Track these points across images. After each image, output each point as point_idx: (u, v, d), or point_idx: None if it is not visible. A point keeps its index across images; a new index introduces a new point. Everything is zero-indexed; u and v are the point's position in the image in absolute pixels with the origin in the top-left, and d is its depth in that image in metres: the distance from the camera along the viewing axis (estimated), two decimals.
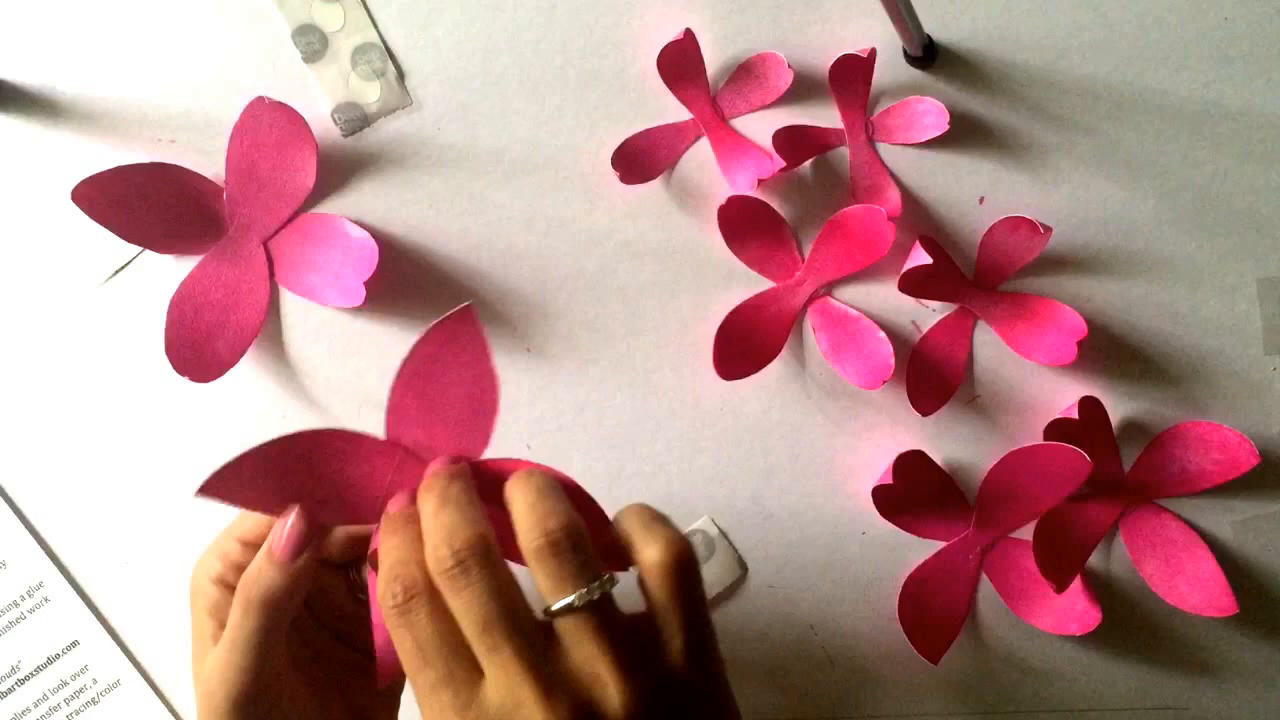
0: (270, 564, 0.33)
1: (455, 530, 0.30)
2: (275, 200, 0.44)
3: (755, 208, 0.44)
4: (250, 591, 0.33)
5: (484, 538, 0.30)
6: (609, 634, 0.28)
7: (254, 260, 0.44)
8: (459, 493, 0.32)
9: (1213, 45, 0.45)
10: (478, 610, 0.28)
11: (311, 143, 0.43)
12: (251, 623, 0.33)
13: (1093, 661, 0.46)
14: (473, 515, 0.31)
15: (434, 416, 0.35)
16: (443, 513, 0.31)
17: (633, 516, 0.32)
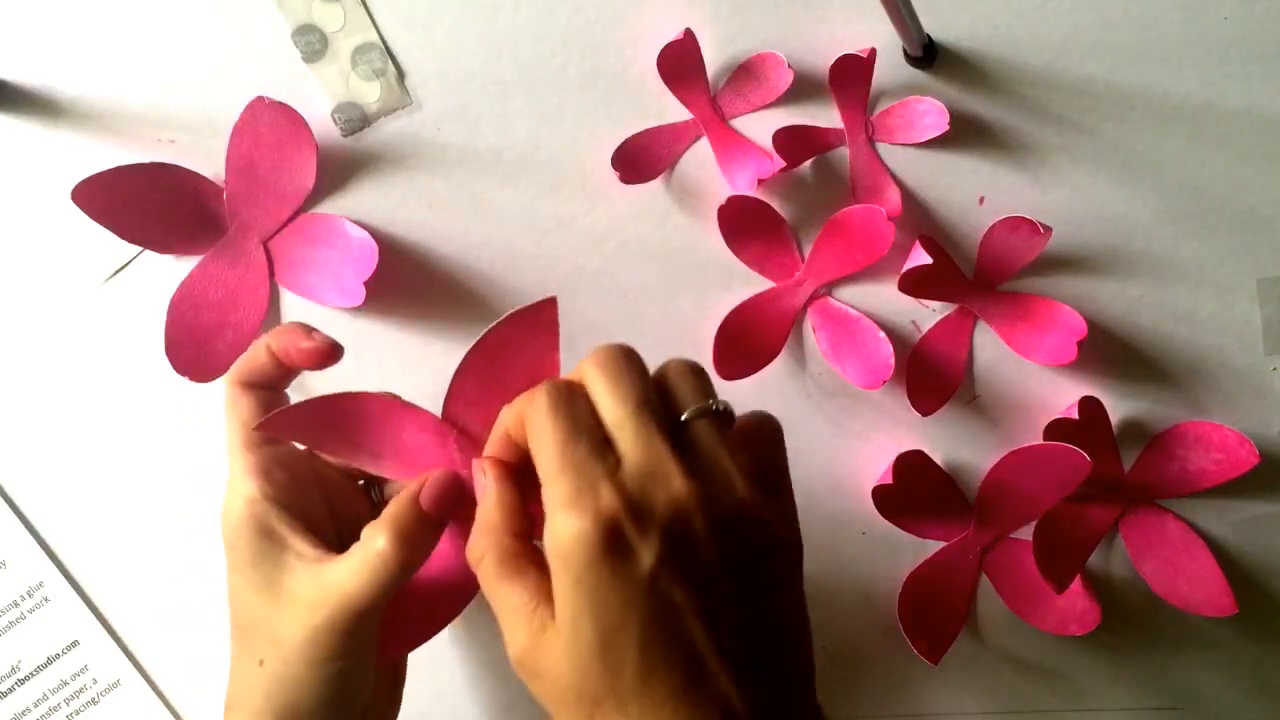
0: (415, 508, 0.35)
1: (604, 346, 0.33)
2: (275, 200, 0.44)
3: (755, 208, 0.44)
4: (396, 528, 0.34)
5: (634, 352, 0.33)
6: (729, 440, 0.32)
7: (254, 260, 0.44)
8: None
9: (1213, 45, 0.45)
10: (637, 395, 0.31)
11: (311, 143, 0.43)
12: (393, 558, 0.34)
13: (1093, 661, 0.46)
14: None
15: (492, 403, 0.36)
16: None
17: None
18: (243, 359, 0.38)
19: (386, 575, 0.34)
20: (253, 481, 0.36)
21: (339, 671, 0.34)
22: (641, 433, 0.30)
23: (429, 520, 0.35)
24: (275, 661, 0.35)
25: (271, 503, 0.36)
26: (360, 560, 0.34)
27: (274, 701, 0.34)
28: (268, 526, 0.36)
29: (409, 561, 0.35)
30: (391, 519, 0.35)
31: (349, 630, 0.34)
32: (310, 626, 0.34)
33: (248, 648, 0.36)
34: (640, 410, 0.31)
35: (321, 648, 0.34)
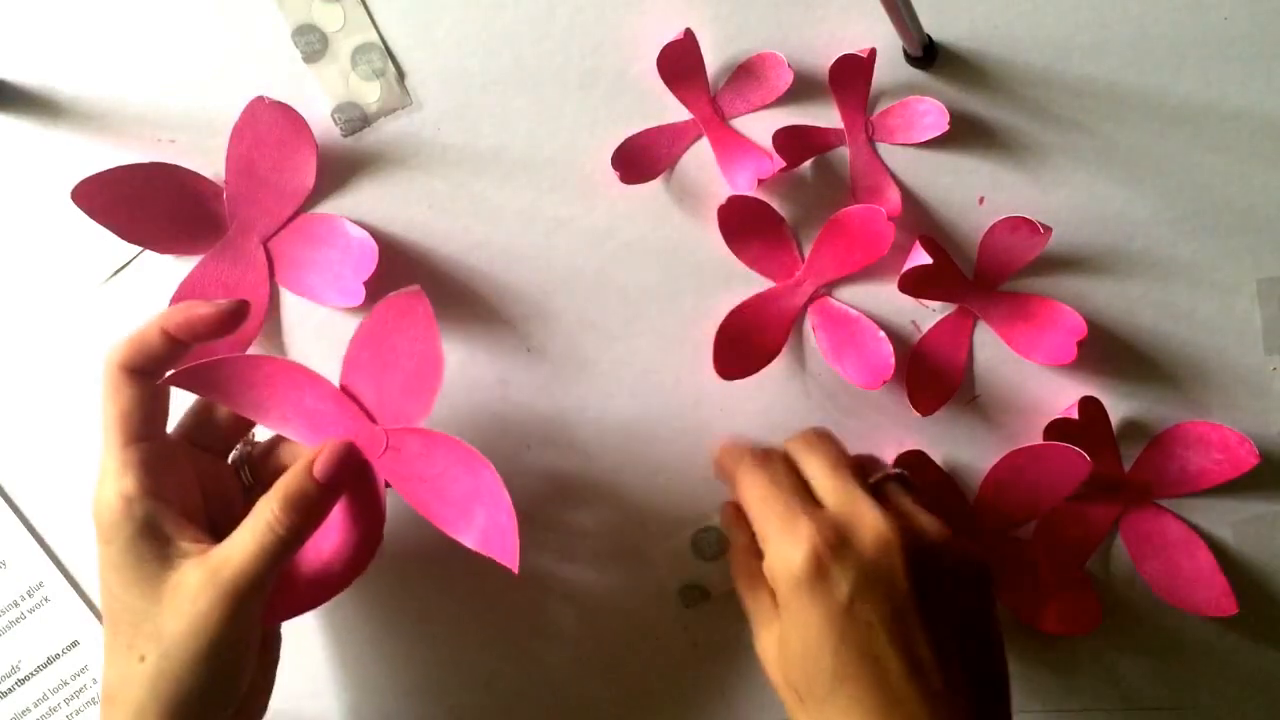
0: (308, 478, 0.36)
1: (808, 428, 0.42)
2: (275, 200, 0.44)
3: (755, 208, 0.44)
4: (289, 498, 0.36)
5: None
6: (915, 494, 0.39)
7: (254, 260, 0.44)
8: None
9: (1213, 45, 0.45)
10: (831, 457, 0.39)
11: (311, 143, 0.43)
12: (285, 528, 0.35)
13: (1093, 661, 0.46)
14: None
15: (383, 379, 0.39)
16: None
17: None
18: (127, 341, 0.37)
19: (276, 544, 0.35)
20: (133, 477, 0.36)
21: (223, 661, 0.34)
22: (840, 482, 0.37)
23: (321, 489, 0.36)
24: (157, 656, 0.34)
25: (154, 499, 0.36)
26: (250, 532, 0.35)
27: (159, 697, 0.34)
28: (151, 523, 0.36)
29: (299, 529, 0.35)
30: (283, 487, 0.36)
31: (234, 612, 0.34)
32: (195, 614, 0.34)
33: (126, 643, 0.35)
34: (839, 466, 0.38)
35: (205, 636, 0.34)
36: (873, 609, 0.34)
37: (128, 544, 0.35)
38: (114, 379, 0.37)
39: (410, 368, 0.39)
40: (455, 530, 0.38)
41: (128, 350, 0.37)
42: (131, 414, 0.37)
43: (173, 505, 0.36)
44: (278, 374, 0.39)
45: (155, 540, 0.35)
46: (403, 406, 0.39)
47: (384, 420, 0.39)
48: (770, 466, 0.38)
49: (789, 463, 0.39)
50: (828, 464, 0.38)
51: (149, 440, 0.37)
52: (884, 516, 0.35)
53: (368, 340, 0.39)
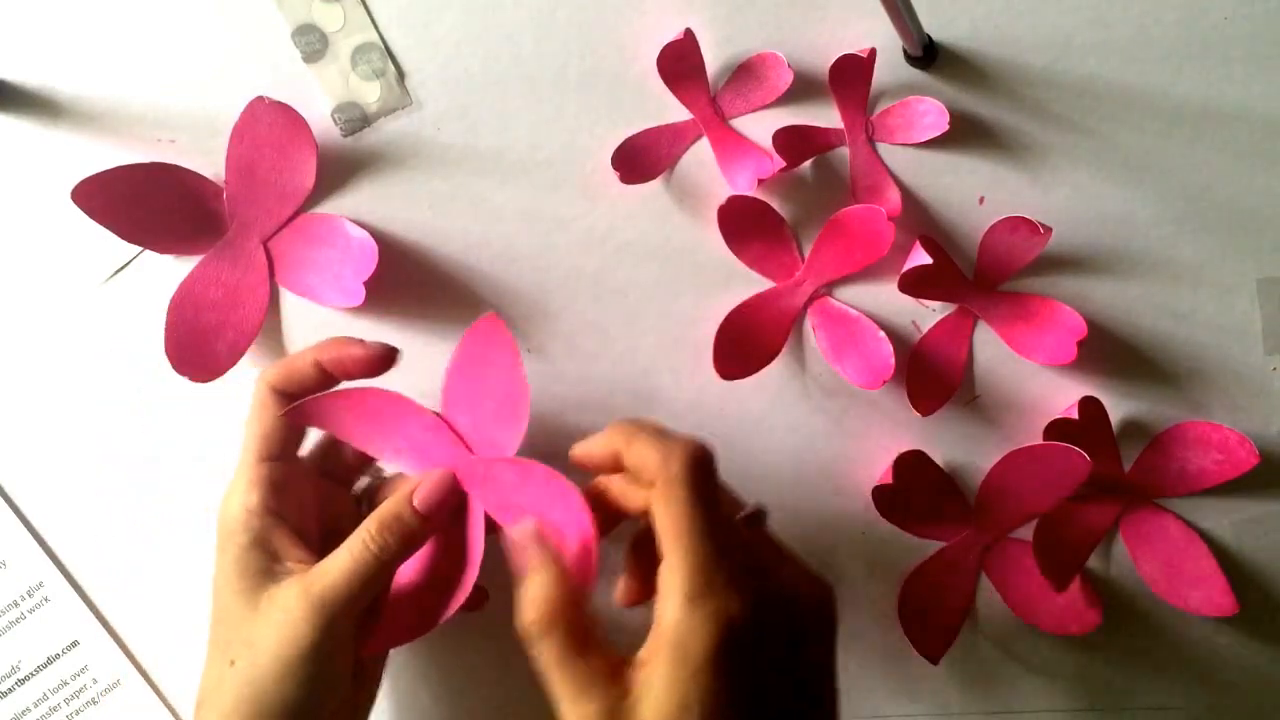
0: (408, 507, 0.36)
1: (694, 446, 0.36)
2: (275, 200, 0.44)
3: (755, 208, 0.44)
4: (387, 524, 0.36)
5: None
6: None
7: (254, 260, 0.44)
8: None
9: (1213, 45, 0.45)
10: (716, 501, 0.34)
11: (311, 143, 0.43)
12: (382, 550, 0.36)
13: (1093, 661, 0.46)
14: None
15: (477, 408, 0.39)
16: None
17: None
18: (282, 364, 0.39)
19: (370, 563, 0.35)
20: (258, 493, 0.37)
21: (309, 674, 0.34)
22: (736, 538, 0.33)
23: (419, 517, 0.36)
24: (247, 663, 0.35)
25: (272, 517, 0.37)
26: (346, 551, 0.36)
27: (243, 704, 0.35)
28: (264, 539, 0.37)
29: (394, 552, 0.36)
30: (380, 514, 0.36)
31: (323, 626, 0.34)
32: (285, 624, 0.34)
33: (223, 647, 0.36)
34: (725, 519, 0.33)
35: (293, 647, 0.34)
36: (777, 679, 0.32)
37: (240, 554, 0.36)
38: (262, 397, 0.39)
39: (499, 396, 0.39)
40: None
41: (280, 373, 0.39)
42: (271, 434, 0.38)
43: (289, 525, 0.37)
44: (386, 407, 0.39)
45: (265, 554, 0.36)
46: (495, 436, 0.39)
47: (479, 450, 0.39)
48: (712, 484, 0.33)
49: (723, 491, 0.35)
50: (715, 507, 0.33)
51: (280, 460, 0.38)
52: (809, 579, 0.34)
53: (462, 369, 0.39)
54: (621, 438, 0.35)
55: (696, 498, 0.32)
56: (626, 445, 0.34)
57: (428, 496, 0.37)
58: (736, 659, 0.30)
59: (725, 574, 0.31)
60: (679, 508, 0.32)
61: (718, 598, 0.31)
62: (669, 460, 0.33)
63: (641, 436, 0.34)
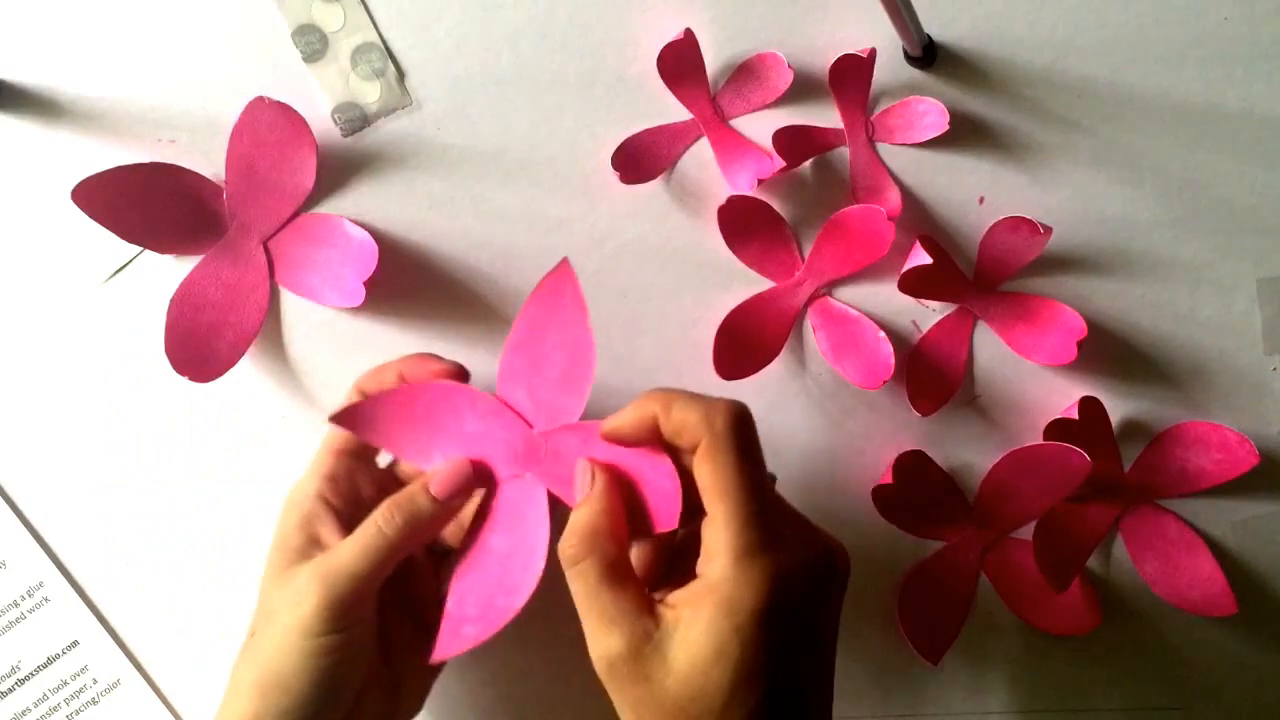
0: (424, 493, 0.37)
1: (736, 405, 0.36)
2: (275, 200, 0.44)
3: (755, 208, 0.44)
4: (400, 506, 0.37)
5: None
6: None
7: (254, 260, 0.44)
8: None
9: (1213, 45, 0.45)
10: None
11: (311, 142, 0.43)
12: (393, 531, 0.36)
13: (1093, 661, 0.46)
14: None
15: (536, 378, 0.38)
16: None
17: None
18: (372, 371, 0.41)
19: (380, 544, 0.36)
20: (318, 482, 0.39)
21: (323, 648, 0.35)
22: (776, 497, 0.34)
23: (433, 503, 0.37)
24: (263, 635, 0.36)
25: (325, 506, 0.38)
26: (359, 532, 0.36)
27: (257, 670, 0.35)
28: (312, 524, 0.38)
29: (402, 537, 0.36)
30: (395, 497, 0.37)
31: (340, 606, 0.35)
32: (296, 600, 0.35)
33: (253, 618, 0.38)
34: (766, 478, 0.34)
35: (309, 622, 0.35)
36: (815, 640, 0.33)
37: (285, 532, 0.38)
38: (350, 397, 0.40)
39: (563, 360, 0.38)
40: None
41: (369, 378, 0.41)
42: (342, 434, 0.40)
43: (339, 516, 0.38)
44: (438, 400, 0.38)
45: (306, 536, 0.37)
46: (558, 403, 0.38)
47: (540, 423, 0.38)
48: (756, 442, 0.34)
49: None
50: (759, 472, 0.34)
51: (350, 456, 0.40)
52: (836, 557, 0.34)
53: (523, 336, 0.39)
54: (658, 403, 0.34)
55: (743, 454, 0.32)
56: (665, 410, 0.34)
57: (444, 483, 0.37)
58: (780, 615, 0.31)
59: (772, 531, 0.32)
60: (726, 465, 0.32)
61: (767, 554, 0.31)
62: (713, 418, 0.33)
63: (680, 399, 0.34)
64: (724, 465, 0.32)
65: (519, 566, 0.37)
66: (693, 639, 0.31)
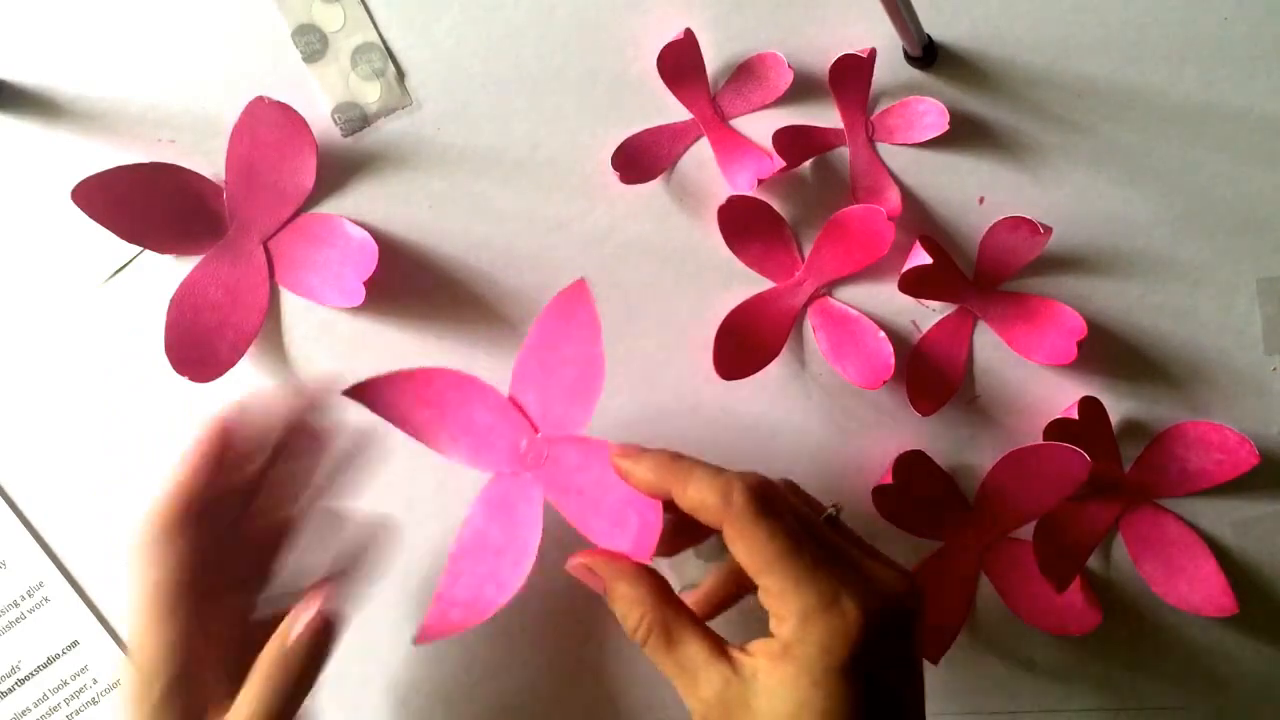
0: (282, 644, 0.36)
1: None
2: (275, 200, 0.44)
3: (755, 208, 0.44)
4: (267, 666, 0.35)
5: None
6: None
7: (254, 260, 0.44)
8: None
9: (1213, 45, 0.45)
10: (804, 508, 0.35)
11: (311, 142, 0.43)
12: (268, 687, 0.35)
13: (1093, 661, 0.46)
14: None
15: (548, 385, 0.39)
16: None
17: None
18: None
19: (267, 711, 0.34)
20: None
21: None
22: (837, 539, 0.34)
23: (300, 658, 0.36)
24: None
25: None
26: (247, 705, 0.35)
27: None
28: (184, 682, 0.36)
29: (275, 691, 0.35)
30: (258, 664, 0.35)
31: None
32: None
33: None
34: (816, 520, 0.34)
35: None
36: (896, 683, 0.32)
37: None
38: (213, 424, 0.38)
39: (573, 373, 0.39)
40: (608, 540, 0.37)
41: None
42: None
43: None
44: (450, 388, 0.39)
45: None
46: (565, 413, 0.39)
47: (545, 428, 0.39)
48: (778, 509, 0.33)
49: (787, 500, 0.34)
50: (808, 515, 0.35)
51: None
52: (900, 578, 0.33)
53: (538, 344, 0.40)
54: (673, 478, 0.35)
55: (769, 525, 0.32)
56: (681, 487, 0.34)
57: (305, 633, 0.36)
58: (858, 663, 0.31)
59: (832, 586, 0.32)
60: (755, 541, 0.32)
61: (831, 610, 0.31)
62: (730, 496, 0.33)
63: (696, 477, 0.34)
64: (753, 541, 0.32)
65: (509, 563, 0.38)
66: (774, 691, 0.31)
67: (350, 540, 0.41)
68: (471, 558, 0.39)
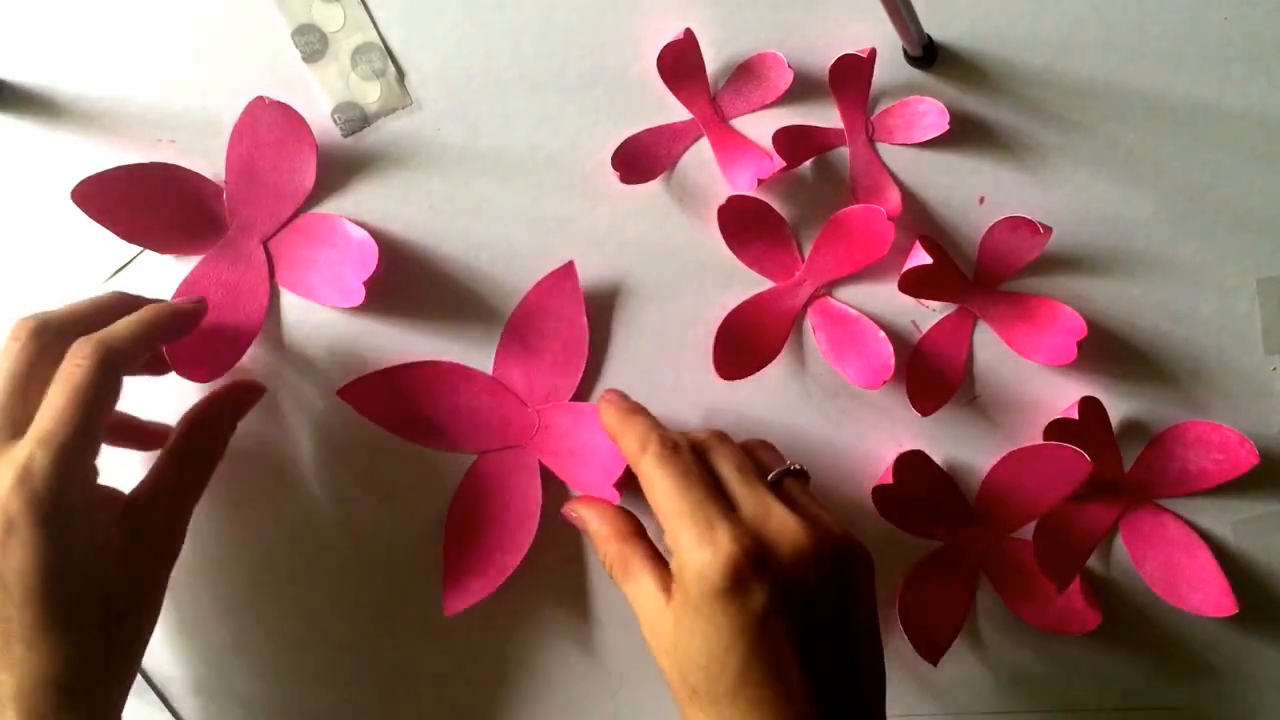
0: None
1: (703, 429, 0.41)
2: (275, 200, 0.44)
3: (755, 208, 0.44)
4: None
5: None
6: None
7: (254, 260, 0.44)
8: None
9: (1213, 45, 0.45)
10: (736, 458, 0.38)
11: (311, 142, 0.43)
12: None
13: (1093, 661, 0.46)
14: None
15: (532, 360, 0.43)
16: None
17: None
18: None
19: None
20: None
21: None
22: (751, 488, 0.37)
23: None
24: None
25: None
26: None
27: None
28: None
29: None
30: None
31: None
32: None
33: None
34: (745, 468, 0.37)
35: None
36: (785, 622, 0.34)
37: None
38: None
39: (558, 345, 0.43)
40: (601, 490, 0.42)
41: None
42: None
43: None
44: (434, 377, 0.43)
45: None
46: (552, 383, 0.44)
47: (534, 400, 0.43)
48: (680, 459, 0.37)
49: (697, 455, 0.38)
50: (735, 463, 0.38)
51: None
52: (800, 526, 0.35)
53: (520, 323, 0.43)
54: (619, 428, 0.40)
55: (666, 471, 0.36)
56: (618, 437, 0.40)
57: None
58: (737, 594, 0.34)
59: (709, 521, 0.35)
60: (653, 485, 0.37)
61: (708, 543, 0.34)
62: (644, 445, 0.38)
63: (628, 427, 0.39)
64: (651, 484, 0.37)
65: (515, 526, 0.43)
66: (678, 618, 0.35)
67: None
68: (472, 534, 0.43)
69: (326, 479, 0.45)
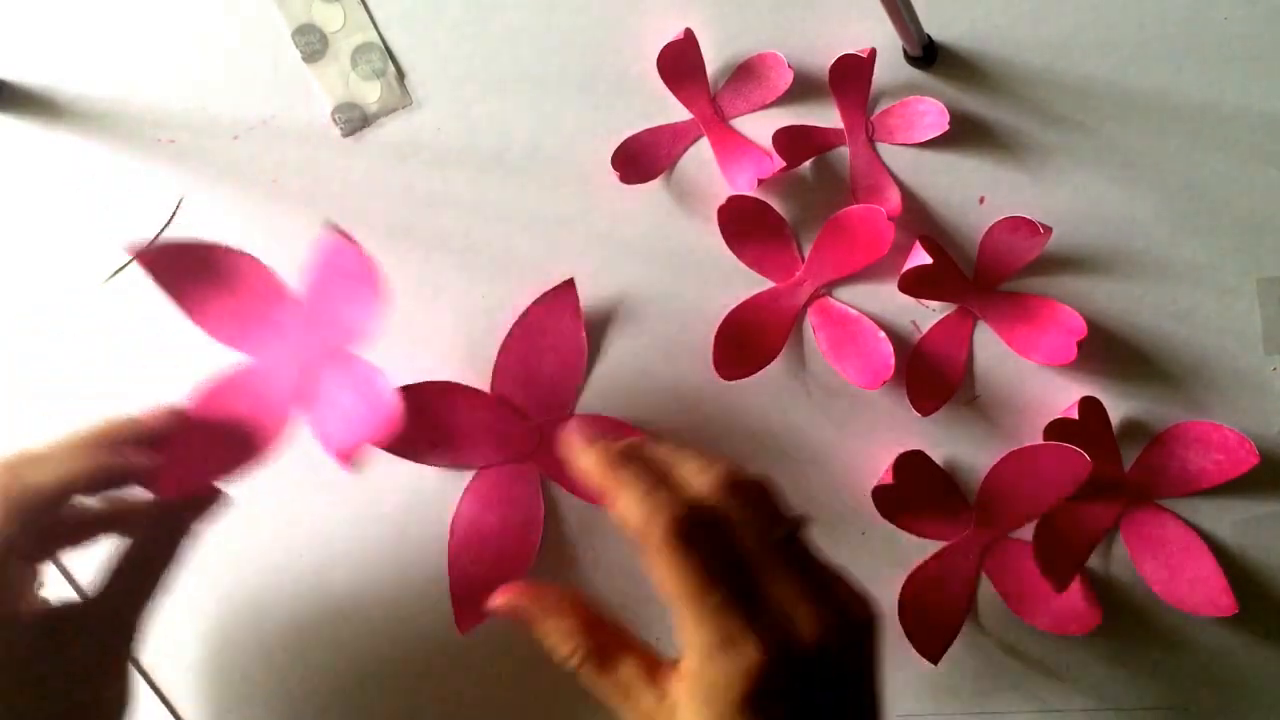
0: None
1: (718, 472, 0.34)
2: (331, 335, 0.41)
3: (755, 208, 0.44)
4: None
5: None
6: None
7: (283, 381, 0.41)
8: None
9: (1213, 45, 0.45)
10: (755, 527, 0.33)
11: (376, 287, 0.39)
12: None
13: (1093, 661, 0.46)
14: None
15: (531, 377, 0.43)
16: (688, 462, 0.35)
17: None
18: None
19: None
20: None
21: None
22: (773, 571, 0.32)
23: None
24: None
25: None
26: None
27: None
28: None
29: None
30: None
31: None
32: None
33: None
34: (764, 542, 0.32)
35: None
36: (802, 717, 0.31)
37: None
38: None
39: (557, 361, 0.43)
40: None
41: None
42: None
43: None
44: (434, 398, 0.43)
45: None
46: (553, 398, 0.43)
47: (535, 415, 0.43)
48: (699, 546, 0.32)
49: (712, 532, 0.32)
50: (754, 534, 0.33)
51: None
52: (826, 619, 0.32)
53: (518, 341, 0.43)
54: (608, 486, 0.34)
55: (681, 563, 0.31)
56: (611, 500, 0.34)
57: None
58: (763, 703, 0.30)
59: (734, 626, 0.31)
60: (666, 575, 0.32)
61: (733, 651, 0.31)
62: (650, 524, 0.32)
63: (624, 493, 0.33)
64: (664, 573, 0.32)
65: (521, 539, 0.43)
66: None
67: None
68: (477, 549, 0.43)
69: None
